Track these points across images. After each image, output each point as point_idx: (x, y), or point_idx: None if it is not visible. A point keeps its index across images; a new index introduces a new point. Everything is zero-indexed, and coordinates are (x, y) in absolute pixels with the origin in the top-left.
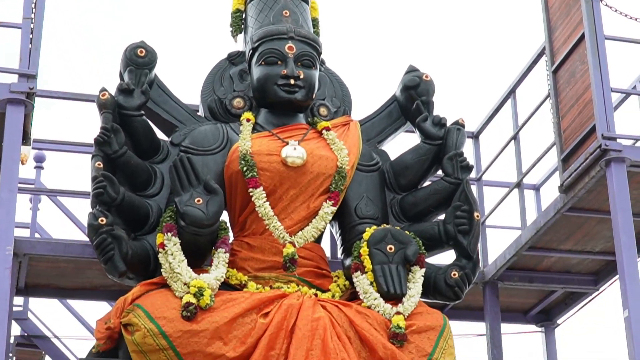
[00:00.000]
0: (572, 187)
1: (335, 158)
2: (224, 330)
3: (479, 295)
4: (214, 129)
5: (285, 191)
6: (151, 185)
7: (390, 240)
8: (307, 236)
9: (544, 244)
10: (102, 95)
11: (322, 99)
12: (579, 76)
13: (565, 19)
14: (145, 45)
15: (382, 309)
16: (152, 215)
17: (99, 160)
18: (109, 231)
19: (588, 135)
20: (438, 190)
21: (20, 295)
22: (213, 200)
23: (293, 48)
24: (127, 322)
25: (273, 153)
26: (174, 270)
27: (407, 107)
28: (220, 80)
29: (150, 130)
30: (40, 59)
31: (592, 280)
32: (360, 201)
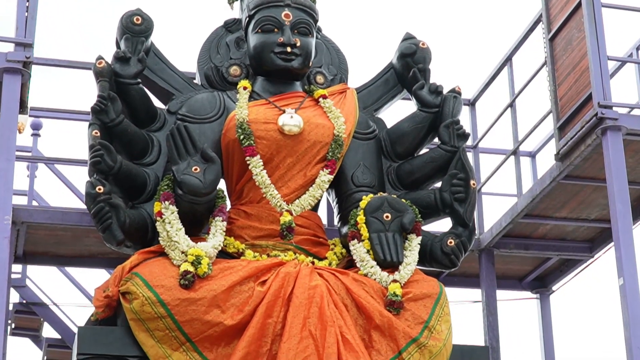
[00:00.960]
0: (568, 155)
1: (332, 126)
2: (221, 299)
3: (474, 262)
4: (211, 97)
5: (282, 159)
6: (148, 153)
7: (387, 208)
8: (304, 204)
9: (539, 212)
10: (99, 63)
11: (319, 67)
12: (575, 44)
13: None
14: (142, 12)
15: (379, 276)
16: (149, 183)
17: (96, 128)
18: (106, 199)
19: (584, 104)
20: (434, 158)
21: (19, 262)
22: (210, 169)
23: (290, 15)
24: (126, 291)
25: (270, 121)
26: (172, 239)
27: (403, 74)
28: (216, 48)
29: (147, 99)
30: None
31: (587, 248)
32: (357, 169)
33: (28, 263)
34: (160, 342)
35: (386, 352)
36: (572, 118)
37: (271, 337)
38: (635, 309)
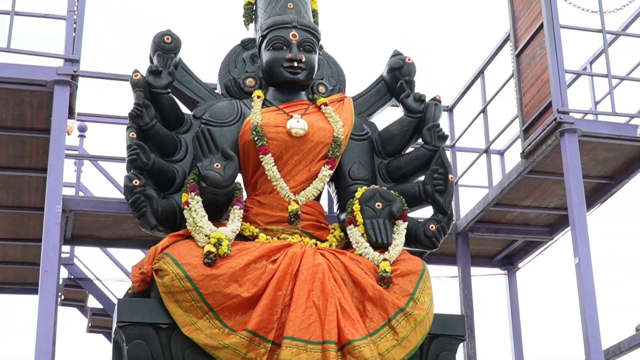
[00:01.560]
0: (531, 154)
1: (332, 129)
2: (239, 275)
3: (452, 244)
4: (230, 104)
5: (290, 157)
6: (177, 152)
7: (379, 198)
8: (309, 195)
9: (507, 201)
10: (135, 76)
11: (321, 79)
12: (538, 59)
13: (527, 10)
14: (171, 33)
15: (372, 256)
16: (178, 177)
17: (133, 131)
18: (141, 191)
19: (545, 110)
20: (419, 156)
21: (67, 244)
22: (229, 165)
23: (296, 35)
24: (158, 268)
25: (280, 125)
26: (197, 224)
27: (392, 85)
28: (234, 63)
29: (176, 106)
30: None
31: (547, 232)
32: (353, 165)
33: (75, 244)
34: (187, 311)
35: (377, 319)
36: (535, 122)
37: (281, 307)
38: (588, 283)
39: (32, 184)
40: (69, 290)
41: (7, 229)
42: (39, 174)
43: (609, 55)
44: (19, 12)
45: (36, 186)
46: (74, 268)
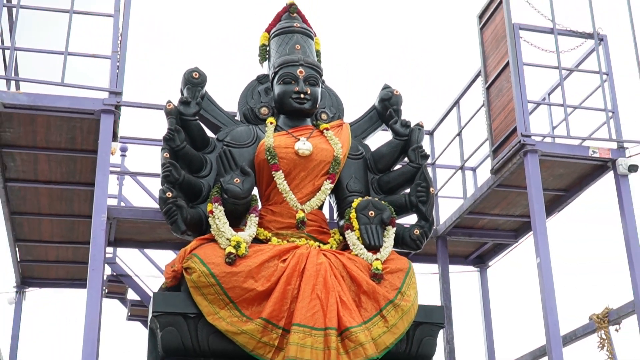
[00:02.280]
0: (499, 170)
1: (332, 150)
2: (255, 272)
3: (433, 245)
4: (247, 129)
5: (298, 173)
6: (203, 169)
7: (372, 207)
8: (313, 205)
9: (479, 210)
10: (168, 105)
11: (323, 108)
12: (505, 91)
13: (495, 50)
14: (199, 69)
15: (366, 256)
16: (204, 190)
17: (167, 151)
18: (173, 202)
19: (511, 134)
20: (405, 172)
21: (111, 246)
22: (247, 180)
23: (303, 72)
24: (187, 266)
25: (289, 146)
26: (220, 230)
27: (382, 113)
28: (251, 95)
29: (202, 130)
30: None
31: (513, 235)
32: (350, 180)
33: (117, 246)
34: (211, 303)
35: (371, 310)
36: (502, 144)
37: (290, 299)
38: (548, 280)
39: (81, 196)
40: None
41: (60, 233)
42: (87, 188)
43: (565, 88)
44: (71, 53)
45: (85, 198)
46: (116, 266)
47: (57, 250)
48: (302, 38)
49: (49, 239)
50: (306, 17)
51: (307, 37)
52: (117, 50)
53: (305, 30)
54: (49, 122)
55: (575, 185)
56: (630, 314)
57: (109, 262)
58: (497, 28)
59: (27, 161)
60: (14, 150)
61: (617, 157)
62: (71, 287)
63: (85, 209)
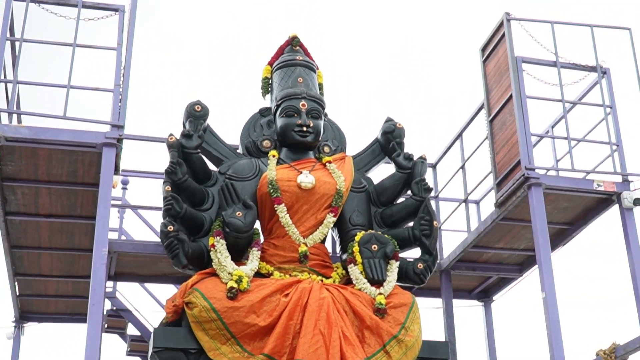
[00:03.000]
0: (503, 204)
1: (335, 183)
2: (257, 306)
3: (437, 279)
4: (250, 162)
5: (300, 206)
6: (205, 202)
7: (375, 241)
8: (316, 238)
9: (483, 243)
10: (170, 138)
11: (326, 141)
12: (508, 124)
13: (498, 83)
14: (201, 102)
15: (369, 290)
16: (206, 224)
17: (168, 184)
18: (175, 235)
19: (515, 167)
20: (408, 205)
21: (111, 280)
22: (249, 214)
23: (305, 105)
24: (188, 301)
25: (291, 179)
26: (222, 264)
27: (385, 146)
28: (253, 127)
29: (204, 163)
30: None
31: (518, 269)
32: (353, 213)
33: (118, 280)
34: (212, 338)
35: (374, 345)
36: (506, 177)
37: (292, 334)
38: (554, 315)
39: (82, 230)
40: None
41: (60, 267)
42: (88, 221)
43: (568, 121)
44: (73, 86)
45: (85, 231)
46: (116, 300)
47: (56, 284)
48: (305, 71)
49: (48, 272)
50: (309, 50)
51: (310, 70)
52: (120, 84)
53: (307, 63)
54: (50, 155)
55: (580, 218)
56: (637, 350)
57: (109, 297)
58: (500, 61)
59: (28, 194)
60: (14, 184)
61: (621, 190)
62: (71, 321)
63: (85, 243)
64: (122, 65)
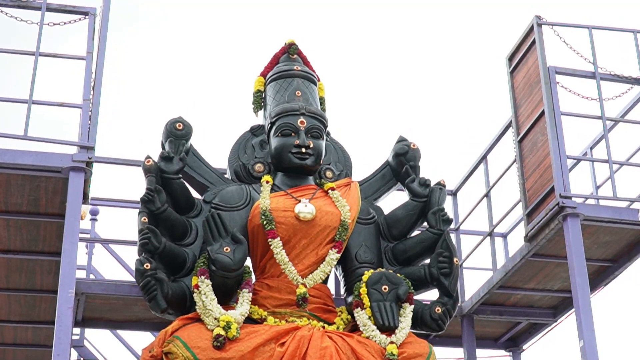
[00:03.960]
0: (535, 237)
1: (339, 213)
2: (248, 358)
3: (457, 326)
4: (239, 189)
5: (298, 241)
6: (187, 236)
7: (385, 281)
8: (316, 278)
9: (511, 284)
10: (147, 161)
11: (328, 164)
12: (540, 145)
13: (528, 98)
14: (183, 120)
15: (379, 339)
16: (188, 261)
17: (145, 215)
18: (152, 274)
19: (548, 194)
20: (424, 239)
21: (78, 326)
22: (239, 249)
23: (304, 122)
24: (168, 351)
25: (288, 209)
26: (207, 307)
27: (397, 170)
28: (244, 149)
29: (187, 190)
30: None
31: (551, 314)
32: (360, 249)
33: (86, 327)
34: None
35: None
36: (537, 206)
37: None
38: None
39: (44, 267)
40: None
41: (19, 311)
42: (52, 258)
43: (609, 141)
44: (36, 101)
45: (49, 269)
46: (84, 350)
47: (14, 331)
48: (304, 83)
49: (5, 317)
50: (308, 59)
51: (310, 82)
52: (90, 99)
53: (307, 73)
54: (8, 181)
55: (624, 254)
56: None
57: (75, 345)
58: (530, 72)
59: None
60: None
61: None
62: None
63: (49, 283)
64: (92, 77)
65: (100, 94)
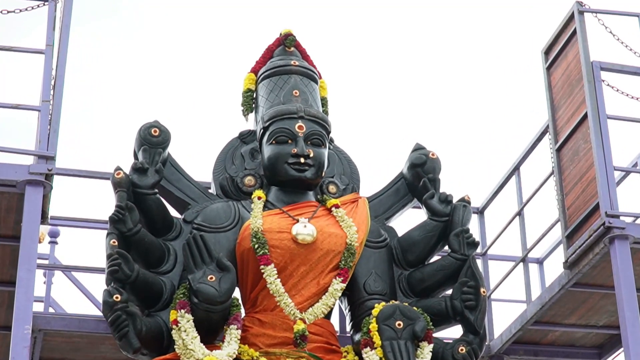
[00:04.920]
0: (576, 264)
1: (344, 235)
2: None
3: None
4: (226, 206)
5: (296, 268)
6: (164, 262)
7: (399, 316)
8: (317, 312)
9: (548, 319)
10: (117, 174)
11: (331, 177)
12: (582, 154)
13: (568, 98)
14: (159, 124)
15: None
16: (165, 292)
17: (114, 238)
18: (123, 308)
19: (592, 213)
20: (445, 266)
21: None
22: (225, 278)
23: (303, 127)
24: None
25: (284, 230)
26: (187, 347)
27: (414, 184)
28: (231, 159)
29: (164, 208)
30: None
31: (596, 354)
32: (369, 277)
33: None
34: None
35: None
36: (580, 227)
37: None
38: None
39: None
40: None
41: None
42: (4, 288)
43: None
44: None
45: (1, 301)
46: None
47: None
48: (303, 80)
49: None
50: (308, 53)
51: (309, 80)
52: (50, 100)
53: (306, 70)
54: None
55: None
56: None
57: None
58: (570, 68)
59: None
60: None
61: None
62: None
63: (0, 318)
64: (52, 75)
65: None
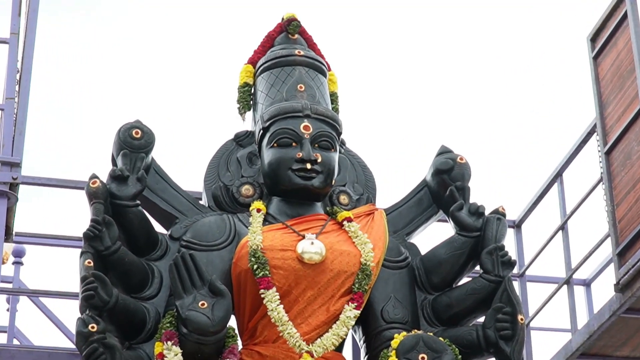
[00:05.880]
0: (629, 286)
1: (358, 253)
2: None
3: None
4: (220, 220)
5: (302, 292)
6: (148, 285)
7: (423, 348)
8: (327, 344)
9: (597, 350)
10: (93, 183)
11: (343, 185)
12: (635, 158)
13: (619, 93)
14: (142, 125)
15: None
16: (149, 320)
17: (89, 257)
18: (100, 339)
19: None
20: (476, 289)
21: None
22: (219, 304)
23: (309, 128)
24: None
25: (287, 248)
26: None
27: (439, 193)
28: (226, 165)
29: (147, 223)
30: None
31: None
32: (387, 303)
33: None
34: None
35: None
36: (633, 242)
37: None
38: None
39: None
40: None
41: None
42: None
43: None
44: None
45: None
46: None
47: None
48: (309, 73)
49: None
50: (315, 41)
51: (317, 72)
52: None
53: (313, 60)
54: None
55: None
56: None
57: None
58: (620, 57)
59: None
60: None
61: None
62: None
63: None
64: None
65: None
